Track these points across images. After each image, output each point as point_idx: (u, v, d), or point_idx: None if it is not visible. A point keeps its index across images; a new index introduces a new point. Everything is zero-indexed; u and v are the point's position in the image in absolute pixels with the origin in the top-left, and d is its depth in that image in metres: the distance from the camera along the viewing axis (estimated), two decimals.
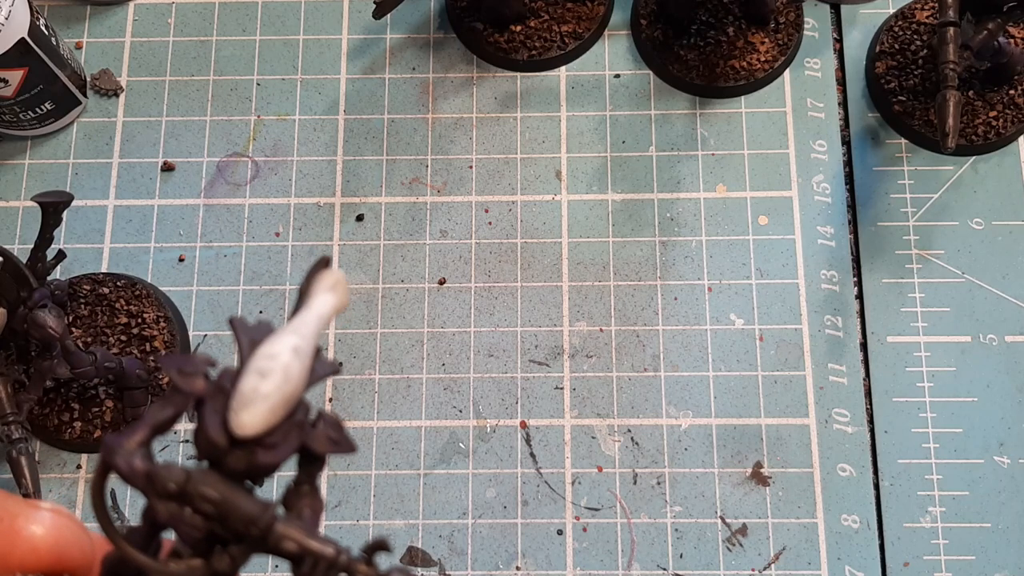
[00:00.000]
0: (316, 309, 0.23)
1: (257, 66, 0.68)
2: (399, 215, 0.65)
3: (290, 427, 0.22)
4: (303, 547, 0.22)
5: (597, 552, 0.59)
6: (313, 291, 0.23)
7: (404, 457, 0.61)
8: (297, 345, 0.22)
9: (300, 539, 0.22)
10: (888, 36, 0.67)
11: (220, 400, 0.21)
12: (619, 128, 0.66)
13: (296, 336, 0.22)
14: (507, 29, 0.67)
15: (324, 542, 0.23)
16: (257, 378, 0.21)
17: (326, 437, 0.23)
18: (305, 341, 0.22)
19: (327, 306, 0.23)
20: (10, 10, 0.57)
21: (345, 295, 0.24)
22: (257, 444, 0.21)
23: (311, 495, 0.24)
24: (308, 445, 0.23)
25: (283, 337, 0.22)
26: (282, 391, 0.21)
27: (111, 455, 0.21)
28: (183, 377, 0.22)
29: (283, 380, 0.21)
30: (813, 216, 0.64)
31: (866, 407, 0.61)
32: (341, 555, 0.22)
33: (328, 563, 0.22)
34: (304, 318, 0.23)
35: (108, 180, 0.66)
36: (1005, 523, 0.59)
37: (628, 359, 0.62)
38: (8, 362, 0.58)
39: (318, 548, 0.22)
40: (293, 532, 0.22)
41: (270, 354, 0.21)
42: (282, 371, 0.21)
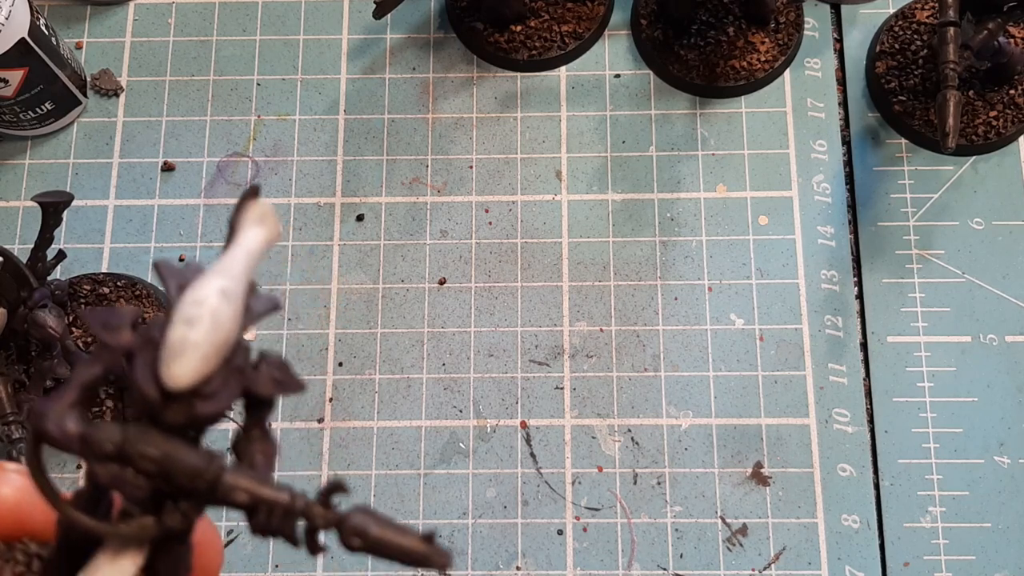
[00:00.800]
0: (244, 244, 0.21)
1: (257, 66, 0.68)
2: (399, 215, 0.65)
3: (229, 373, 0.21)
4: (255, 496, 0.21)
5: (597, 552, 0.59)
6: (240, 226, 0.22)
7: (404, 457, 0.61)
8: (224, 287, 0.20)
9: (251, 488, 0.21)
10: (888, 36, 0.67)
11: (150, 352, 0.20)
12: (619, 128, 0.66)
13: (223, 277, 0.20)
14: (507, 29, 0.67)
15: (278, 489, 0.21)
16: (185, 327, 0.20)
17: (270, 379, 0.21)
18: (233, 282, 0.20)
19: (256, 240, 0.21)
20: (10, 10, 0.57)
21: (275, 226, 0.22)
22: (194, 395, 0.20)
23: (262, 439, 0.22)
24: (252, 389, 0.21)
25: (209, 280, 0.20)
26: (213, 338, 0.20)
27: (41, 420, 0.20)
28: (108, 331, 0.20)
29: (212, 326, 0.20)
30: (813, 216, 0.64)
31: (866, 407, 0.61)
32: (296, 500, 0.21)
33: (283, 510, 0.21)
34: (231, 256, 0.21)
35: (108, 180, 0.66)
36: (1005, 523, 0.59)
37: (628, 359, 0.62)
38: (8, 362, 0.58)
39: (271, 495, 0.21)
40: (243, 482, 0.21)
41: (196, 300, 0.20)
42: (210, 317, 0.20)
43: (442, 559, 0.21)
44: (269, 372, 0.22)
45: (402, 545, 0.21)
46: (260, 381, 0.21)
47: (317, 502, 0.22)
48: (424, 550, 0.21)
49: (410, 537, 0.21)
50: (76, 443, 0.20)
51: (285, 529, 0.21)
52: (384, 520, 0.21)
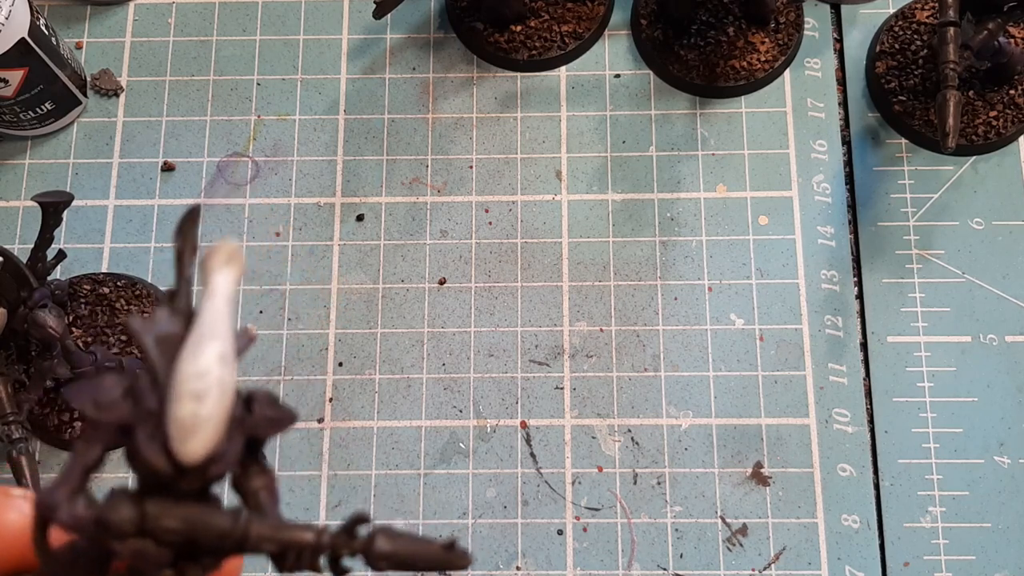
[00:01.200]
0: (221, 292, 0.21)
1: (257, 66, 0.68)
2: (399, 215, 0.65)
3: (233, 427, 0.21)
4: (283, 543, 0.21)
5: (597, 552, 0.59)
6: (211, 269, 0.21)
7: (404, 457, 0.61)
8: (223, 352, 0.20)
9: (278, 536, 0.21)
10: (888, 36, 0.67)
11: (152, 424, 0.20)
12: (619, 128, 0.66)
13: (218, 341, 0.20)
14: (507, 29, 0.67)
15: (301, 529, 0.21)
16: (194, 403, 0.19)
17: (266, 420, 0.21)
18: (226, 342, 0.20)
19: (230, 284, 0.21)
20: (10, 10, 0.57)
21: (241, 261, 0.22)
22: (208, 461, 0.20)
23: (260, 473, 0.22)
24: (254, 435, 0.21)
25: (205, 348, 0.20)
26: (221, 408, 0.20)
27: (51, 512, 0.20)
28: (102, 409, 0.20)
29: (220, 396, 0.20)
30: (813, 216, 0.64)
31: (866, 407, 0.61)
32: (322, 537, 0.21)
33: (312, 550, 0.21)
34: (213, 312, 0.21)
35: (108, 180, 0.66)
36: (1005, 523, 0.59)
37: (628, 359, 0.62)
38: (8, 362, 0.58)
39: (298, 539, 0.21)
40: (268, 531, 0.21)
41: (199, 373, 0.19)
42: (218, 388, 0.19)
43: (464, 561, 0.21)
44: (263, 412, 0.21)
45: (426, 557, 0.22)
46: (259, 425, 0.21)
47: (342, 533, 0.22)
48: (447, 557, 0.22)
49: (432, 548, 0.22)
50: (92, 527, 0.20)
51: (314, 566, 0.22)
52: (405, 537, 0.22)
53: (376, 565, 0.22)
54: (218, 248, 0.22)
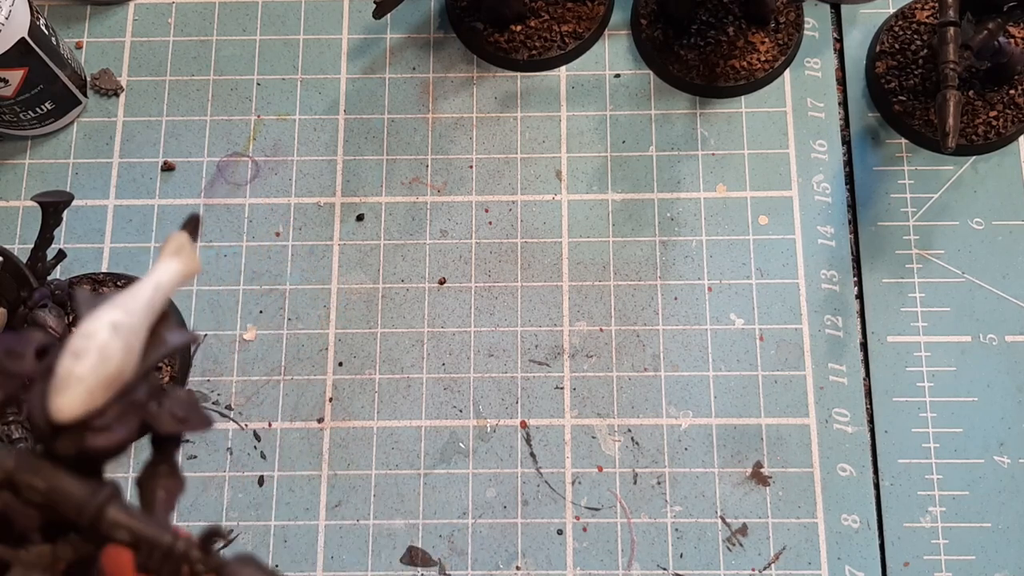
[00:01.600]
0: (154, 277, 0.21)
1: (257, 66, 0.68)
2: (399, 215, 0.65)
3: (126, 407, 0.20)
4: (136, 535, 0.21)
5: (597, 552, 0.59)
6: (160, 256, 0.22)
7: (404, 457, 0.61)
8: (116, 321, 0.20)
9: (133, 527, 0.21)
10: (888, 36, 0.67)
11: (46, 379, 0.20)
12: (619, 128, 0.66)
13: (118, 310, 0.20)
14: (507, 29, 0.67)
15: (161, 529, 0.21)
16: (71, 360, 0.19)
17: (171, 416, 0.21)
18: (129, 315, 0.20)
19: (168, 274, 0.21)
20: (10, 10, 0.57)
21: (191, 259, 0.22)
22: (85, 427, 0.20)
23: (168, 475, 0.22)
24: (152, 425, 0.21)
25: (102, 313, 0.20)
26: (99, 372, 0.19)
27: None
28: (10, 358, 0.20)
29: (99, 360, 0.19)
30: (813, 216, 0.64)
31: (866, 407, 0.61)
32: (178, 543, 0.21)
33: (163, 552, 0.21)
34: (137, 289, 0.21)
35: (108, 180, 0.66)
36: (1005, 523, 0.59)
37: (628, 359, 0.62)
38: None
39: (152, 536, 0.21)
40: (126, 519, 0.21)
41: (86, 333, 0.20)
42: (98, 351, 0.19)
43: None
44: (172, 409, 0.21)
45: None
46: (161, 418, 0.21)
47: (196, 547, 0.21)
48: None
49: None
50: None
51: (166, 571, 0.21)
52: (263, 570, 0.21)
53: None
54: (171, 238, 0.22)
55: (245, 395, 0.62)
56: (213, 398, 0.62)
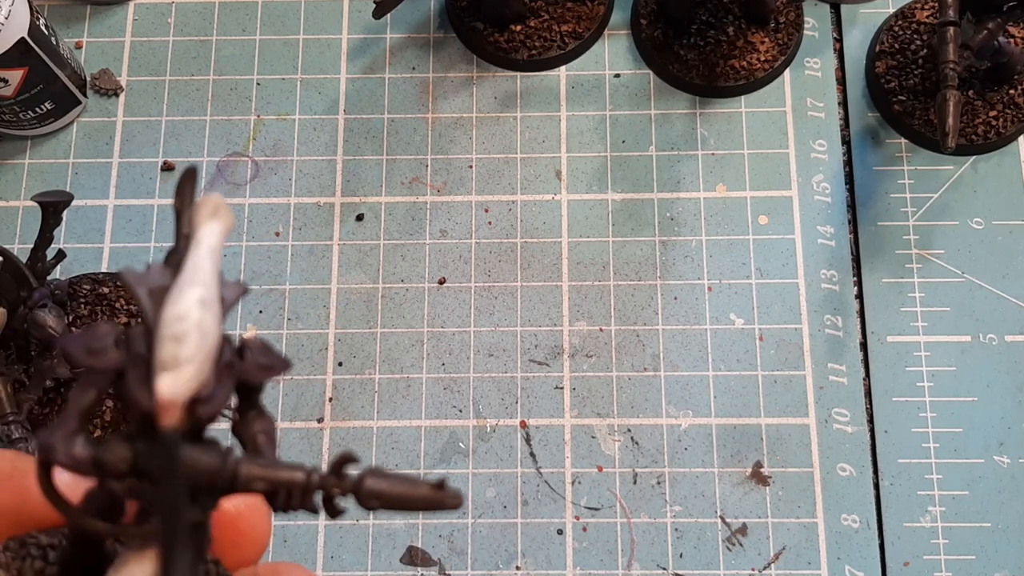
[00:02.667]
0: (207, 243, 0.21)
1: (257, 66, 0.68)
2: (399, 215, 0.65)
3: (221, 370, 0.21)
4: (273, 482, 0.22)
5: (597, 552, 0.59)
6: (197, 223, 0.22)
7: (404, 457, 0.61)
8: (203, 296, 0.20)
9: (268, 475, 0.22)
10: (888, 36, 0.67)
11: (142, 368, 0.20)
12: (619, 128, 0.66)
13: (198, 286, 0.21)
14: (507, 29, 0.67)
15: (291, 468, 0.22)
16: (173, 345, 0.20)
17: (257, 366, 0.22)
18: (208, 288, 0.21)
19: (216, 235, 0.22)
20: (10, 10, 0.57)
21: (229, 216, 0.22)
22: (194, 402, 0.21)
23: (259, 418, 0.23)
24: (244, 380, 0.22)
25: (186, 292, 0.20)
26: (202, 349, 0.20)
27: (51, 453, 0.21)
28: (93, 356, 0.21)
29: (200, 338, 0.20)
30: (813, 216, 0.64)
31: (866, 407, 0.61)
32: (312, 476, 0.22)
33: (302, 488, 0.22)
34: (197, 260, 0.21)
35: (108, 180, 0.66)
36: (1005, 523, 0.59)
37: (628, 359, 0.62)
38: (8, 362, 0.58)
39: (288, 477, 0.22)
40: (258, 471, 0.22)
41: (178, 316, 0.20)
42: (197, 330, 0.20)
43: (455, 501, 0.22)
44: (255, 359, 0.22)
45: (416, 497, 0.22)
46: (249, 370, 0.22)
47: (331, 474, 0.22)
48: (436, 496, 0.22)
49: (422, 487, 0.22)
50: (89, 467, 0.21)
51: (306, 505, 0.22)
52: (395, 477, 0.22)
53: (367, 504, 0.22)
54: (204, 202, 0.22)
55: None
56: None
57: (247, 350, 0.22)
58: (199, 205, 0.22)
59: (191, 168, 0.23)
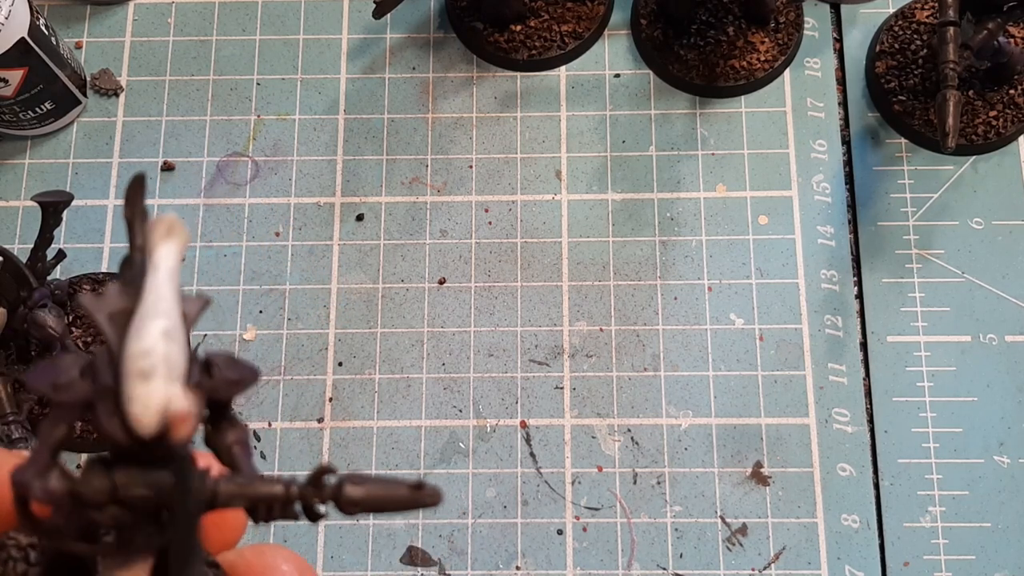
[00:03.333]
0: (164, 266, 0.21)
1: (257, 66, 0.68)
2: (399, 215, 0.65)
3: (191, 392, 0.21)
4: (252, 499, 0.22)
5: (597, 552, 0.59)
6: (152, 245, 0.22)
7: (404, 457, 0.61)
8: (166, 328, 0.20)
9: (246, 492, 0.22)
10: (888, 36, 0.67)
11: (110, 400, 0.20)
12: (619, 128, 0.66)
13: (161, 317, 0.20)
14: (507, 29, 0.67)
15: (270, 483, 0.22)
16: (141, 382, 0.20)
17: (226, 382, 0.22)
18: (171, 317, 0.21)
19: (172, 256, 0.21)
20: (10, 10, 0.57)
21: (184, 233, 0.22)
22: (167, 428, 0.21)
23: (232, 428, 0.23)
24: (215, 399, 0.22)
25: (149, 325, 0.20)
26: (170, 381, 0.20)
27: (26, 490, 0.20)
28: (59, 391, 0.21)
29: (168, 371, 0.20)
30: (813, 216, 0.64)
31: (866, 407, 0.61)
32: (291, 488, 0.22)
33: (281, 502, 0.22)
34: (157, 288, 0.21)
35: (108, 180, 0.66)
36: (1005, 523, 0.59)
37: (628, 359, 0.62)
38: (8, 362, 0.58)
39: (267, 492, 0.22)
40: (236, 489, 0.22)
41: (144, 352, 0.20)
42: (163, 363, 0.20)
43: (433, 500, 0.22)
44: (222, 375, 0.22)
45: (395, 499, 0.22)
46: (218, 387, 0.22)
47: (309, 485, 0.22)
48: (415, 496, 0.22)
49: (400, 489, 0.22)
50: (67, 500, 0.21)
51: (286, 516, 0.22)
52: (373, 481, 0.22)
53: (347, 511, 0.22)
54: (158, 222, 0.22)
55: (245, 395, 0.62)
56: None
57: (214, 367, 0.22)
58: (153, 226, 0.22)
59: (139, 175, 0.23)
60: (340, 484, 0.22)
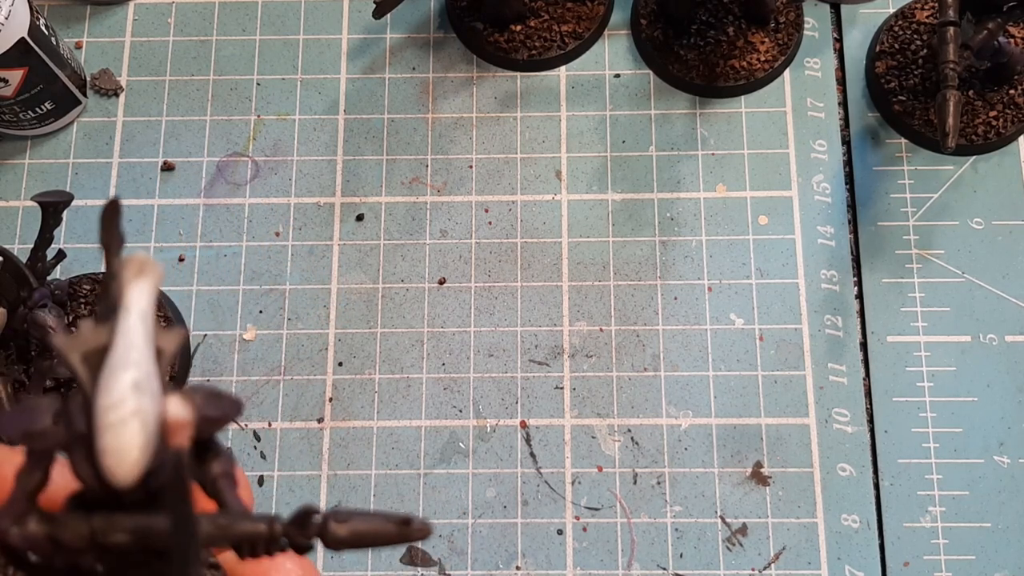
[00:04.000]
0: (136, 308, 0.21)
1: (257, 66, 0.68)
2: (399, 215, 0.65)
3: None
4: (236, 537, 0.22)
5: (597, 552, 0.59)
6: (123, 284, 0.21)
7: (404, 457, 0.61)
8: (136, 379, 0.20)
9: (230, 532, 0.22)
10: (888, 36, 0.67)
11: (83, 447, 0.20)
12: (619, 128, 0.66)
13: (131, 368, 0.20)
14: (507, 29, 0.67)
15: (253, 521, 0.22)
16: (113, 436, 0.19)
17: (206, 421, 0.21)
18: (141, 366, 0.20)
19: (145, 298, 0.21)
20: (10, 10, 0.57)
21: (156, 271, 0.21)
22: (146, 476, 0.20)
23: (216, 459, 0.23)
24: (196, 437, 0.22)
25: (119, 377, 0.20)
26: (143, 432, 0.20)
27: (4, 536, 0.20)
28: (32, 440, 0.20)
29: (139, 424, 0.20)
30: (813, 216, 0.64)
31: (866, 407, 0.61)
32: (275, 526, 0.22)
33: (265, 540, 0.22)
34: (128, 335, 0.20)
35: (108, 180, 0.66)
36: (1005, 523, 0.59)
37: (628, 359, 0.62)
38: (8, 362, 0.58)
39: (251, 530, 0.22)
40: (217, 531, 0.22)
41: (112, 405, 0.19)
42: (133, 416, 0.19)
43: (422, 534, 0.22)
44: (202, 414, 0.21)
45: (382, 535, 0.22)
46: (199, 428, 0.21)
47: (293, 525, 0.22)
48: (402, 532, 0.22)
49: (387, 526, 0.22)
50: (48, 545, 0.21)
51: (271, 553, 0.22)
52: (359, 517, 0.22)
53: (334, 547, 0.22)
54: (129, 262, 0.21)
55: (245, 395, 0.62)
56: None
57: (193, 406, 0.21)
58: (125, 265, 0.21)
59: (113, 200, 0.22)
60: (325, 523, 0.22)
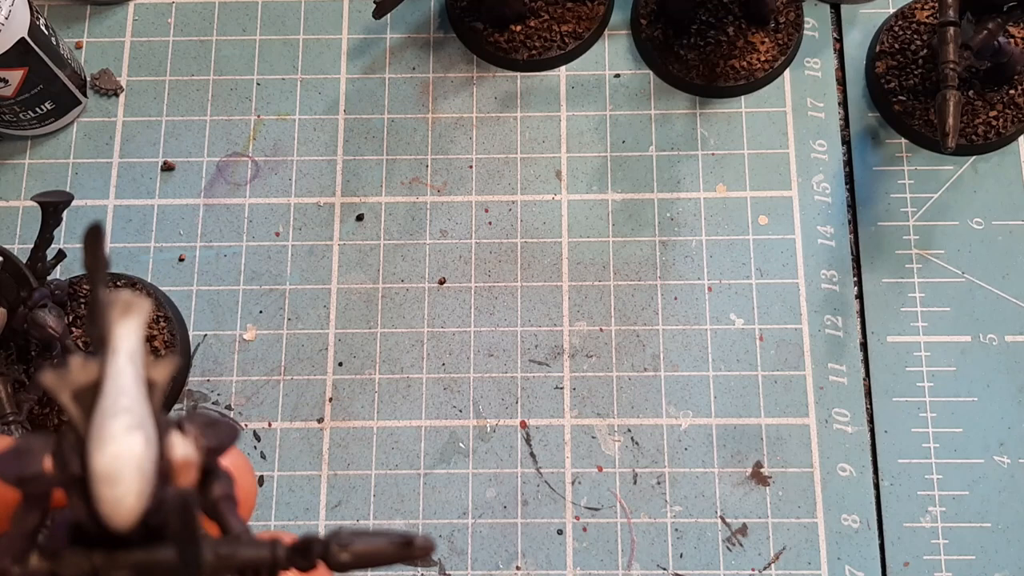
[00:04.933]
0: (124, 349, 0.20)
1: (257, 66, 0.68)
2: (399, 215, 0.65)
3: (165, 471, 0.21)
4: (239, 564, 0.22)
5: (597, 552, 0.59)
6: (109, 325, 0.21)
7: (404, 457, 0.61)
8: (128, 425, 0.20)
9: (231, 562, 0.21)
10: (888, 36, 0.67)
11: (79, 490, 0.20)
12: (619, 128, 0.66)
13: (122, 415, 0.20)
14: (507, 29, 0.67)
15: (255, 546, 0.22)
16: (109, 486, 0.19)
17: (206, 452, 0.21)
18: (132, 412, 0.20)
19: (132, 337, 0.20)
20: (10, 10, 0.57)
21: (143, 308, 0.21)
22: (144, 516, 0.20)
23: (217, 482, 0.22)
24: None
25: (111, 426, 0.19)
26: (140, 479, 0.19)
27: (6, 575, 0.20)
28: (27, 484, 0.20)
29: (137, 471, 0.19)
30: (813, 216, 0.64)
31: (866, 407, 0.61)
32: (277, 552, 0.22)
33: (268, 566, 0.22)
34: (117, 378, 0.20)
35: (108, 180, 0.66)
36: (1005, 523, 0.59)
37: (628, 359, 0.62)
38: (8, 362, 0.58)
39: (253, 556, 0.22)
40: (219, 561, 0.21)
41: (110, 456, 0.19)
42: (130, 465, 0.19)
43: (423, 552, 0.22)
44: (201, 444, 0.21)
45: (385, 556, 0.22)
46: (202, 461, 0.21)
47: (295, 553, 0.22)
48: (405, 553, 0.22)
49: (389, 548, 0.22)
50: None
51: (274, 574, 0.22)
52: (362, 538, 0.22)
53: (339, 570, 0.22)
54: (114, 300, 0.21)
55: (245, 395, 0.62)
56: (213, 398, 0.62)
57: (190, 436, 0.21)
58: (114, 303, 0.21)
59: (95, 224, 0.21)
60: (327, 546, 0.22)
